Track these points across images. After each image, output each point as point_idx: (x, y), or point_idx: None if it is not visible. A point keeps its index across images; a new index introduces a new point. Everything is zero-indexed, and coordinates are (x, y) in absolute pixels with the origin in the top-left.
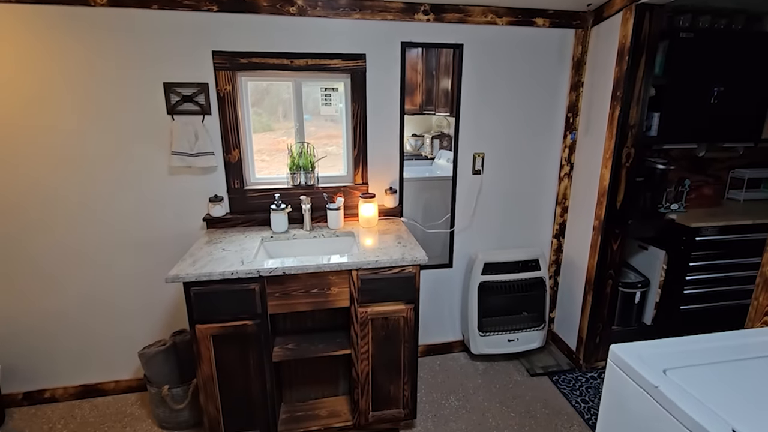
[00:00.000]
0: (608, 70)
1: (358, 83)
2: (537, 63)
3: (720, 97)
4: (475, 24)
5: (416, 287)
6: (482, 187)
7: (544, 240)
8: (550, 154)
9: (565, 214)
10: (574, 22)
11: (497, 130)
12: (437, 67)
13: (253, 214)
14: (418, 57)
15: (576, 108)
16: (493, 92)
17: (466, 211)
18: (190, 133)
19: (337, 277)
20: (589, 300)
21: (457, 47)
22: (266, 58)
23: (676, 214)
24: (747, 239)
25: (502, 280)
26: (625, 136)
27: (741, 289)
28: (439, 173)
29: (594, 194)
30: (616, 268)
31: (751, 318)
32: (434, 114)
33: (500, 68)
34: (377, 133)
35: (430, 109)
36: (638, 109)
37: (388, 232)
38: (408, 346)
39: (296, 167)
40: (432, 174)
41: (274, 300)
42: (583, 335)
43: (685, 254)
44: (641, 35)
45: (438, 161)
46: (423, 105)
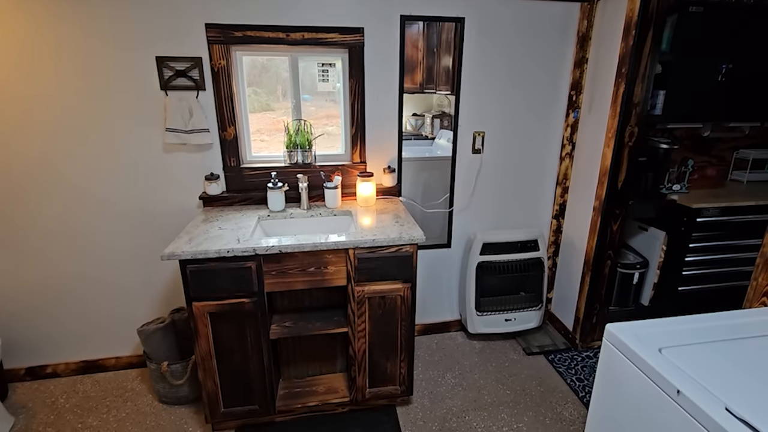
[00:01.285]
0: (614, 46)
1: (356, 59)
2: (540, 38)
3: (728, 74)
4: None
5: (413, 266)
6: (482, 166)
7: (543, 220)
8: (552, 133)
9: (566, 194)
10: None
11: (498, 108)
12: (438, 44)
13: (250, 192)
14: (419, 33)
15: (580, 85)
16: (494, 69)
17: (466, 190)
18: (185, 109)
19: (334, 255)
20: (587, 281)
21: (458, 21)
22: (261, 32)
23: (677, 195)
24: (748, 220)
25: (501, 261)
26: (629, 115)
27: (740, 270)
28: (439, 153)
29: (595, 174)
30: (615, 249)
31: (749, 298)
32: (435, 93)
33: (502, 43)
34: (376, 111)
35: (431, 87)
36: (643, 86)
37: (385, 212)
38: (405, 324)
39: (293, 145)
40: (432, 154)
41: (270, 278)
42: (580, 315)
43: (685, 235)
44: (649, 9)
45: (438, 141)
46: (423, 83)
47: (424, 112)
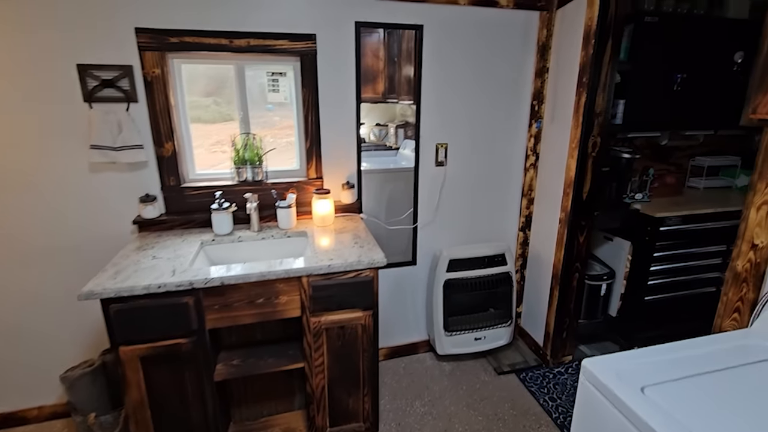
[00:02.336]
0: (574, 55)
1: (308, 67)
2: (501, 47)
3: (683, 84)
4: (435, 3)
5: (374, 292)
6: (446, 179)
7: (510, 233)
8: (516, 144)
9: (531, 206)
10: (538, 3)
11: (461, 118)
12: (399, 53)
13: (193, 214)
14: (379, 42)
15: (541, 95)
16: (455, 78)
17: (430, 205)
18: (113, 124)
19: (286, 284)
20: (555, 294)
21: (416, 29)
22: (200, 38)
23: (640, 204)
24: (708, 228)
25: (468, 277)
26: (592, 125)
27: (702, 277)
28: (404, 164)
29: (560, 185)
30: (582, 261)
31: (720, 314)
32: (397, 102)
33: (463, 52)
34: (331, 123)
35: (393, 97)
36: (605, 96)
37: (344, 231)
38: (367, 355)
39: (241, 161)
40: (397, 165)
41: (213, 313)
42: (549, 330)
43: (650, 245)
44: (607, 18)
45: (403, 151)
46: (386, 93)
47: (387, 122)
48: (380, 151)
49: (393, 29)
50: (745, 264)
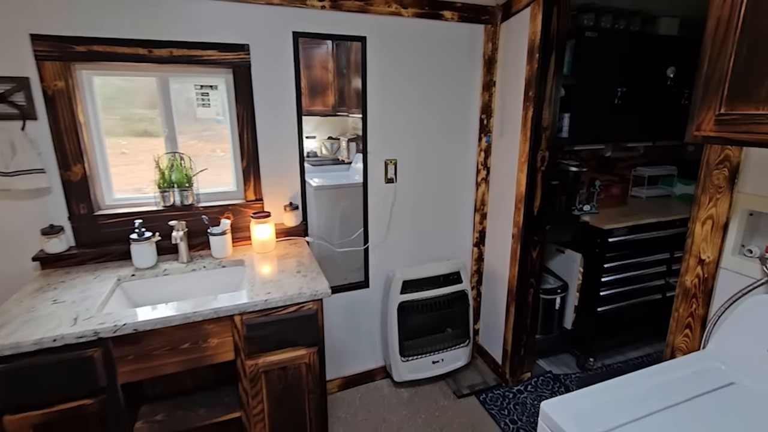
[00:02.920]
0: (519, 69)
1: (242, 80)
2: (448, 60)
3: (623, 97)
4: (378, 14)
5: (319, 326)
6: (396, 197)
7: (464, 250)
8: (466, 159)
9: (484, 221)
10: (483, 17)
11: (409, 133)
12: (348, 65)
13: (110, 246)
14: (328, 54)
15: (489, 109)
16: (402, 93)
17: (381, 224)
18: (4, 145)
19: (216, 325)
20: (512, 311)
21: (359, 40)
22: (113, 46)
23: (589, 216)
24: (653, 237)
25: (424, 298)
26: (540, 139)
27: (649, 285)
28: (357, 179)
29: (511, 200)
30: (536, 276)
31: (672, 330)
32: (348, 116)
33: (409, 66)
34: (271, 140)
35: (344, 110)
36: (551, 110)
37: (287, 257)
38: (313, 397)
39: (168, 184)
40: (349, 180)
41: (127, 365)
42: (508, 348)
43: (600, 256)
44: (550, 32)
45: (355, 165)
46: (336, 106)
47: (339, 136)
48: (333, 166)
49: (335, 40)
50: (693, 279)
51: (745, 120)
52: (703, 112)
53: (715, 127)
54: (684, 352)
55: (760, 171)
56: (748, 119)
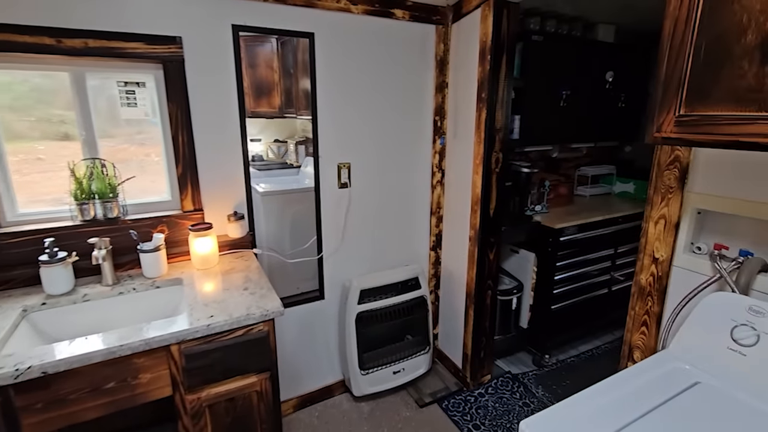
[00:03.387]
0: (471, 71)
1: (174, 76)
2: (401, 61)
3: (568, 99)
4: (327, 10)
5: (271, 348)
6: (351, 202)
7: (422, 254)
8: (421, 161)
9: (441, 224)
10: (434, 17)
11: (362, 136)
12: (295, 65)
13: (13, 270)
14: (273, 52)
15: (443, 110)
16: (354, 93)
17: (335, 231)
18: None
19: (148, 358)
20: (471, 314)
21: (307, 37)
22: (11, 34)
23: (540, 216)
24: (599, 234)
25: (382, 307)
26: (494, 140)
27: (596, 281)
28: (307, 183)
29: (467, 202)
30: (494, 278)
31: (629, 328)
32: (296, 117)
33: (361, 65)
34: (210, 143)
35: (291, 111)
36: (503, 111)
37: (233, 273)
38: (267, 426)
39: (86, 195)
40: (300, 185)
41: (34, 416)
42: (468, 351)
43: (552, 255)
44: (501, 34)
45: (305, 169)
46: (283, 107)
47: (287, 138)
48: (280, 170)
49: (281, 36)
50: (648, 278)
51: (705, 121)
52: (663, 114)
53: (675, 129)
54: (641, 350)
55: (707, 171)
56: (708, 120)
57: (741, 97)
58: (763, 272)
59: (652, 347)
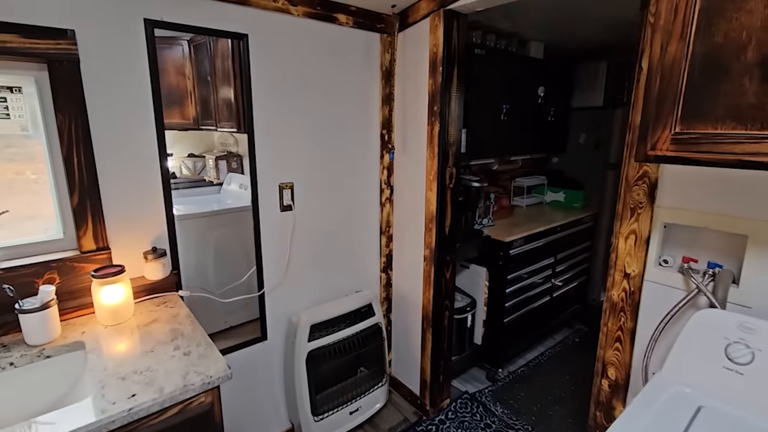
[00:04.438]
0: (421, 83)
1: (65, 80)
2: (346, 69)
3: (508, 113)
4: (262, 9)
5: (217, 423)
6: (296, 226)
7: (373, 278)
8: (369, 177)
9: (391, 243)
10: (378, 25)
11: (306, 152)
12: (214, 72)
13: None
14: (184, 57)
15: (390, 123)
16: (296, 104)
17: (279, 260)
18: None
19: None
20: (429, 338)
21: (239, 38)
22: None
23: (488, 229)
24: (543, 243)
25: (336, 341)
26: (447, 155)
27: (541, 290)
28: (230, 203)
29: (421, 220)
30: (451, 297)
31: (602, 345)
32: (216, 129)
33: (302, 73)
34: (118, 163)
35: (210, 123)
36: (456, 125)
37: (156, 326)
38: None
39: None
40: (222, 205)
41: None
42: (426, 377)
43: (503, 268)
44: (452, 45)
45: (228, 187)
46: (199, 118)
47: (204, 153)
48: (198, 189)
49: (206, 36)
50: (620, 293)
51: (705, 139)
52: (658, 131)
53: (672, 147)
54: (616, 366)
55: (674, 185)
56: (708, 138)
57: (742, 115)
58: (734, 284)
59: (627, 363)
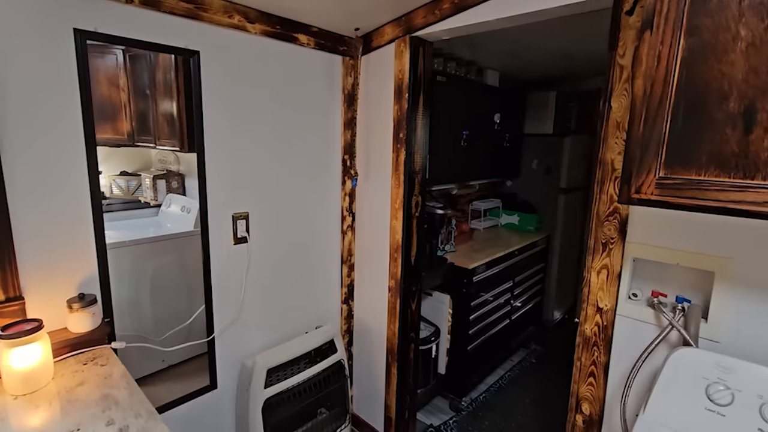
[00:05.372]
0: (386, 108)
1: None
2: (307, 93)
3: (468, 139)
4: (216, 25)
5: None
6: (251, 260)
7: (334, 310)
8: (331, 205)
9: (353, 272)
10: (341, 47)
11: (263, 178)
12: (153, 85)
13: None
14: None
15: (352, 149)
16: (252, 127)
17: (232, 299)
18: None
19: None
20: (394, 373)
21: (189, 55)
22: None
23: (450, 255)
24: (503, 267)
25: (295, 384)
26: (413, 183)
27: (500, 314)
28: (170, 227)
29: (385, 249)
30: (416, 329)
31: (576, 380)
32: (155, 147)
33: (260, 95)
34: (36, 185)
35: (148, 139)
36: (422, 152)
37: (83, 388)
38: None
39: None
40: (160, 230)
41: None
42: (391, 414)
43: (467, 295)
44: (418, 72)
45: (167, 209)
46: (135, 134)
47: (140, 171)
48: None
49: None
50: (593, 327)
51: (690, 185)
52: (643, 175)
53: (656, 191)
54: (589, 401)
55: (644, 222)
56: (693, 184)
57: (725, 163)
58: (702, 318)
59: (601, 398)
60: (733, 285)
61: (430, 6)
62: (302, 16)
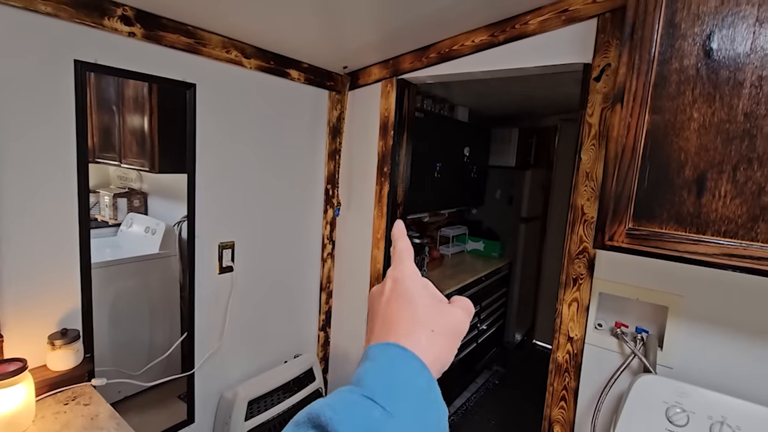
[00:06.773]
0: (371, 143)
1: None
2: (295, 124)
3: (441, 171)
4: (214, 59)
5: None
6: (234, 289)
7: (311, 337)
8: (312, 233)
9: (331, 299)
10: (328, 83)
11: (249, 207)
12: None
13: None
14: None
15: (335, 179)
16: (242, 155)
17: (213, 330)
18: None
19: None
20: None
21: (186, 87)
22: None
23: None
24: (472, 293)
25: (276, 415)
26: (395, 215)
27: (470, 337)
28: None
29: (366, 278)
30: None
31: (548, 404)
32: (119, 165)
33: (251, 125)
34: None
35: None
36: (404, 186)
37: (66, 431)
38: None
39: None
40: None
41: None
42: None
43: None
44: (403, 111)
45: (128, 229)
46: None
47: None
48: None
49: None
50: (564, 355)
51: (654, 236)
52: (615, 225)
53: (626, 240)
54: (561, 423)
55: (609, 260)
56: (656, 236)
57: (682, 220)
58: (658, 347)
59: (572, 420)
60: (683, 318)
61: (417, 53)
62: (296, 53)
